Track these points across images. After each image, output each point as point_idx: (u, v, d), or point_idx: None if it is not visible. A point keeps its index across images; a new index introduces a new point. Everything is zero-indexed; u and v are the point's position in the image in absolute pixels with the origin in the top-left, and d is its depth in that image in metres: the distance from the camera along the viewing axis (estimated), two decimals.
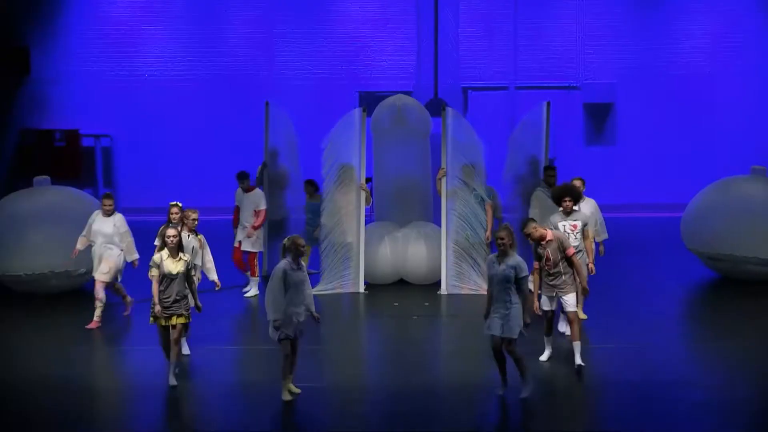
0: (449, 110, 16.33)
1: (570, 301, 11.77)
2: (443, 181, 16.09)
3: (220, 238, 16.06)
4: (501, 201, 16.41)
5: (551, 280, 11.76)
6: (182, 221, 12.78)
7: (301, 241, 10.94)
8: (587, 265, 13.02)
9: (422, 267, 16.50)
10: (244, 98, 24.45)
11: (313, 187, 16.92)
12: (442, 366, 12.61)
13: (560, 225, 12.72)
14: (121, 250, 14.17)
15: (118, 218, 14.25)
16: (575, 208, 12.86)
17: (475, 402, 10.89)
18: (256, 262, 16.11)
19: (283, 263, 10.79)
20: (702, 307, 16.26)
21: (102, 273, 13.99)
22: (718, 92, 24.86)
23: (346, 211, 16.26)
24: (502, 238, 10.79)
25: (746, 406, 10.81)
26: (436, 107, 18.71)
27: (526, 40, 24.98)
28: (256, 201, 16.13)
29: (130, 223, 14.25)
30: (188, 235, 12.63)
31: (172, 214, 12.97)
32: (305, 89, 24.82)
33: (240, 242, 16.16)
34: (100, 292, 13.90)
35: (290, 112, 18.14)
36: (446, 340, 13.98)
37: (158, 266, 11.31)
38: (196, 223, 12.89)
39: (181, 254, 11.44)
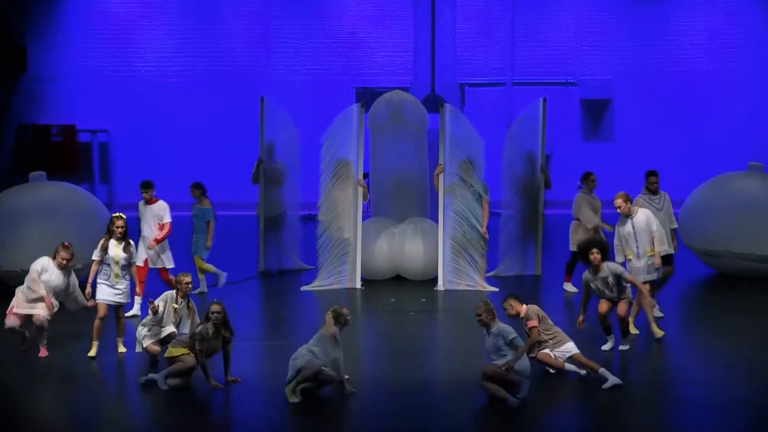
0: (447, 106, 16.31)
1: (568, 348, 11.51)
2: (441, 177, 16.07)
3: (215, 232, 16.01)
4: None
5: (546, 343, 11.59)
6: (175, 287, 12.05)
7: (346, 311, 11.12)
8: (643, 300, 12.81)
9: (419, 263, 16.49)
10: (241, 94, 24.43)
11: (199, 190, 15.72)
12: (439, 362, 12.61)
13: (592, 285, 12.29)
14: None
15: (73, 275, 12.93)
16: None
17: (472, 398, 10.88)
18: (171, 276, 14.47)
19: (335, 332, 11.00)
20: (698, 303, 16.26)
21: (45, 309, 12.54)
22: (715, 89, 24.86)
23: (343, 207, 16.25)
24: (479, 315, 10.91)
25: (743, 403, 10.79)
26: (433, 103, 18.72)
27: (524, 36, 24.97)
28: (159, 214, 14.90)
29: (128, 220, 13.57)
30: (180, 302, 11.98)
31: (115, 227, 12.42)
32: (302, 85, 24.80)
33: (147, 260, 14.74)
34: (45, 323, 12.49)
35: (287, 107, 18.12)
36: (443, 336, 13.97)
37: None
38: (189, 288, 12.05)
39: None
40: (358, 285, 16.13)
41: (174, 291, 12.09)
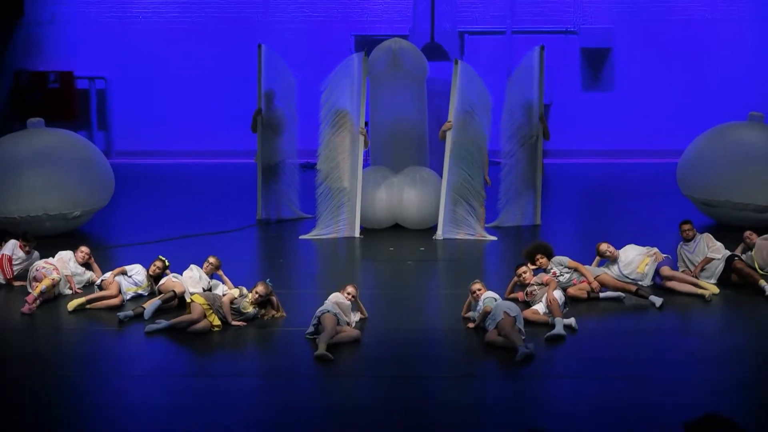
0: (461, 63, 16.12)
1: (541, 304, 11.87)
2: (448, 134, 15.97)
3: (213, 181, 15.99)
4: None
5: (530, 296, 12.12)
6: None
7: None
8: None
9: (418, 212, 16.48)
10: (239, 41, 24.30)
11: None
12: (437, 311, 12.63)
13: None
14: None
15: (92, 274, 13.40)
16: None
17: (469, 347, 10.91)
18: None
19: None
20: None
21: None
22: (716, 38, 24.73)
23: (343, 156, 16.20)
24: (480, 290, 11.48)
25: (739, 353, 10.83)
26: (432, 51, 18.60)
27: None
28: None
29: (124, 166, 13.54)
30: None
31: (152, 269, 12.60)
32: (300, 33, 24.65)
33: None
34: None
35: (285, 55, 18.01)
36: (441, 285, 14.00)
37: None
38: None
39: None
40: (357, 234, 16.12)
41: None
